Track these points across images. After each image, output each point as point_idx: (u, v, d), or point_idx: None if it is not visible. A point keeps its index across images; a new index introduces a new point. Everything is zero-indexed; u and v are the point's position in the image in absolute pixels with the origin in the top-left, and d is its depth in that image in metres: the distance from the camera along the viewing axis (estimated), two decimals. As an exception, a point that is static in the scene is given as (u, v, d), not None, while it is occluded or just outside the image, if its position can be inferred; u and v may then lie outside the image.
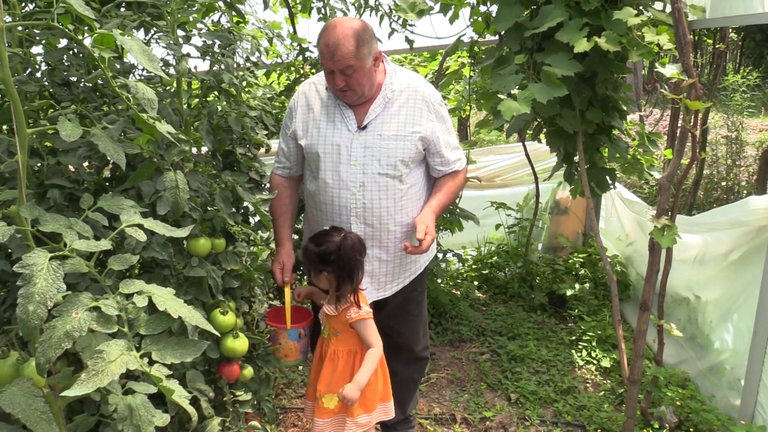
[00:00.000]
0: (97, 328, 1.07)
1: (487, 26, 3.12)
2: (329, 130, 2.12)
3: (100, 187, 1.75)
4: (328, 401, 2.09)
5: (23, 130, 1.12)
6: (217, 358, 1.91)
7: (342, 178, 2.09)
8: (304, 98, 2.19)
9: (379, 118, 2.10)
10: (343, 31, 1.95)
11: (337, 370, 2.11)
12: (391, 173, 2.09)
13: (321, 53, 1.99)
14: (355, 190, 2.09)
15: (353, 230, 2.13)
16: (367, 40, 1.99)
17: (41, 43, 1.71)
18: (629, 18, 2.24)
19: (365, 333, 2.07)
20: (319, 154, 2.11)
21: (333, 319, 2.10)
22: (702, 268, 2.93)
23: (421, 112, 2.12)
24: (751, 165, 6.23)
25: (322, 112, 2.15)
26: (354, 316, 2.04)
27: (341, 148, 2.09)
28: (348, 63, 1.95)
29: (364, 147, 2.08)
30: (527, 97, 2.32)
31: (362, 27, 1.99)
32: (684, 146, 2.29)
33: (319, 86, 2.19)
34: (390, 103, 2.12)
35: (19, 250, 1.28)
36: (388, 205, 2.12)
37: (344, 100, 2.10)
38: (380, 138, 2.08)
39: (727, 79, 9.24)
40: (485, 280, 4.20)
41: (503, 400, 2.99)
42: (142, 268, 1.85)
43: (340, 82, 2.00)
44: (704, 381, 2.80)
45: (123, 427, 1.06)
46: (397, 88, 2.13)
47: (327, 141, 2.11)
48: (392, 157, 2.08)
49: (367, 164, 2.08)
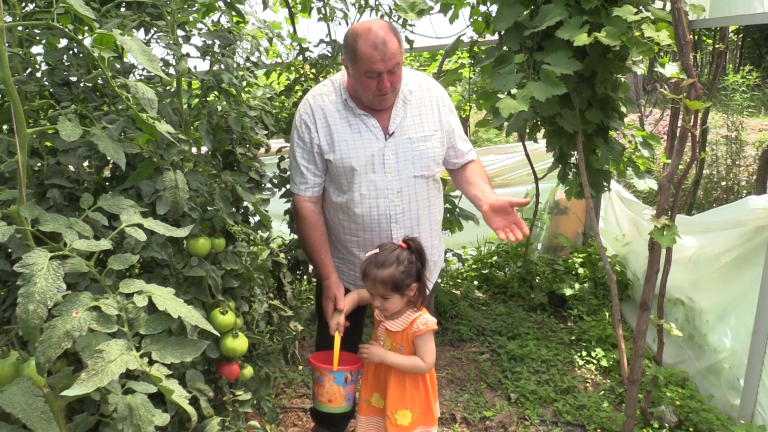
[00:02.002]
0: (97, 328, 1.07)
1: (487, 26, 3.12)
2: (358, 142, 2.06)
3: (100, 186, 1.75)
4: (401, 417, 2.01)
5: (23, 130, 1.12)
6: (216, 358, 1.91)
7: (378, 188, 2.07)
8: (321, 112, 2.09)
9: (404, 121, 2.09)
10: (382, 28, 1.93)
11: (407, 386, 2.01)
12: (426, 174, 2.10)
13: (368, 58, 1.91)
14: (393, 197, 2.08)
15: (394, 236, 2.11)
16: (399, 32, 2.00)
17: (41, 43, 1.71)
18: (629, 15, 2.24)
19: (425, 346, 1.97)
20: (353, 167, 2.05)
21: (399, 334, 2.00)
22: (700, 267, 2.93)
23: (438, 108, 2.14)
24: (751, 165, 6.23)
25: (343, 124, 2.08)
26: (422, 328, 1.95)
27: (374, 158, 2.06)
28: (397, 60, 1.94)
29: (395, 153, 2.07)
30: (525, 96, 2.33)
31: (390, 23, 2.02)
32: (684, 146, 2.29)
33: (330, 97, 2.11)
34: (408, 104, 2.11)
35: (19, 249, 1.28)
36: (426, 205, 2.14)
37: (382, 104, 2.04)
38: (410, 141, 2.08)
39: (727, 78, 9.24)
40: (485, 280, 4.20)
41: (503, 400, 2.99)
42: (142, 267, 1.85)
43: (388, 83, 1.95)
44: (703, 381, 2.80)
45: (123, 426, 1.06)
46: (412, 88, 2.12)
47: (359, 153, 2.06)
48: (425, 158, 2.09)
49: (401, 169, 2.07)
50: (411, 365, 1.99)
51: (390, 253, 1.94)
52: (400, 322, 1.99)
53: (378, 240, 2.12)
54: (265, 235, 2.40)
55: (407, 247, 1.97)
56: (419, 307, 2.00)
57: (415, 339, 1.98)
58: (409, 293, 1.95)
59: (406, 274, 1.92)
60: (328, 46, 3.38)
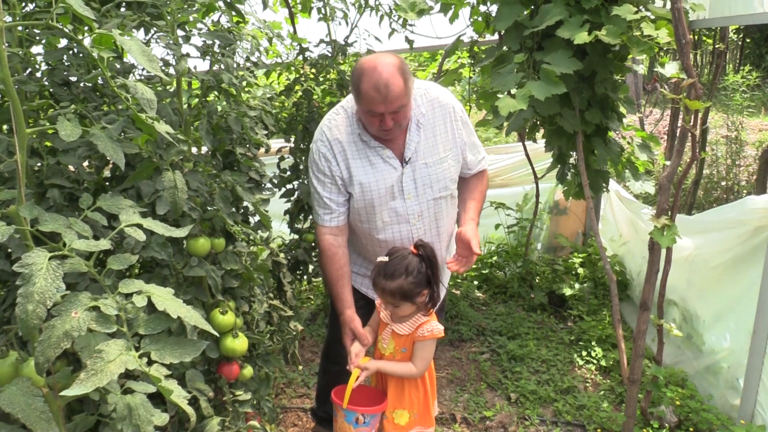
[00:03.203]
0: (96, 328, 1.07)
1: (487, 26, 3.12)
2: (376, 174, 2.05)
3: (100, 186, 1.75)
4: (398, 417, 2.03)
5: (22, 130, 1.12)
6: (216, 358, 1.91)
7: (399, 214, 2.08)
8: (339, 145, 2.06)
9: (419, 147, 2.06)
10: (387, 69, 1.86)
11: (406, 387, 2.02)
12: (444, 194, 2.11)
13: (369, 99, 1.87)
14: (414, 221, 2.10)
15: None
16: (408, 72, 1.92)
17: (41, 43, 1.71)
18: (628, 14, 2.24)
19: (421, 352, 1.96)
20: (374, 198, 2.06)
21: (404, 337, 1.99)
22: (698, 267, 2.93)
23: (452, 126, 2.10)
24: (751, 165, 6.23)
25: (360, 156, 2.05)
26: (426, 335, 1.95)
27: (394, 188, 2.06)
28: (401, 102, 1.89)
29: (413, 180, 2.06)
30: (524, 95, 2.33)
31: (400, 60, 1.92)
32: (684, 146, 2.29)
33: (345, 129, 2.07)
34: (421, 128, 2.07)
35: (18, 249, 1.28)
36: (445, 221, 2.15)
37: (385, 137, 2.02)
38: (426, 166, 2.06)
39: (727, 78, 9.24)
40: (485, 280, 4.20)
41: (503, 400, 2.99)
42: (142, 267, 1.85)
43: (390, 123, 1.92)
44: (702, 381, 2.80)
45: (122, 426, 1.06)
46: (424, 111, 2.08)
47: (378, 186, 2.05)
48: (442, 180, 2.09)
49: (420, 194, 2.07)
50: (403, 372, 1.99)
51: (400, 262, 1.91)
52: (407, 325, 1.98)
53: None
54: (265, 235, 2.40)
55: (417, 253, 1.94)
56: (429, 312, 1.99)
57: (416, 343, 1.97)
58: (419, 300, 1.94)
59: (416, 284, 1.90)
60: (328, 46, 3.38)
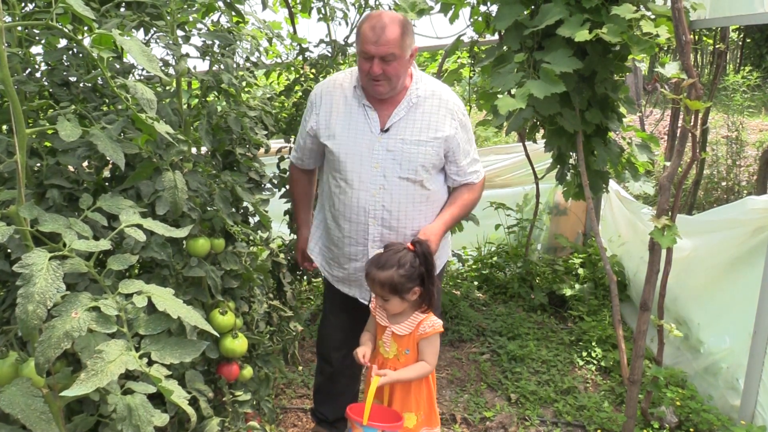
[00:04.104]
0: (97, 328, 1.07)
1: (487, 26, 3.12)
2: (352, 131, 2.10)
3: (100, 187, 1.75)
4: (407, 420, 1.99)
5: (22, 130, 1.12)
6: (216, 359, 1.91)
7: (362, 180, 2.09)
8: (329, 97, 2.16)
9: (402, 121, 2.09)
10: (389, 17, 1.98)
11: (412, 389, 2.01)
12: (412, 177, 2.09)
13: (363, 38, 1.97)
14: (374, 192, 2.09)
15: (371, 232, 2.11)
16: (410, 31, 2.02)
17: (41, 43, 1.71)
18: (627, 13, 2.24)
19: (429, 348, 1.96)
20: (341, 154, 2.10)
21: (405, 338, 1.98)
22: (698, 267, 2.93)
23: (444, 119, 2.11)
24: (751, 165, 6.23)
25: (345, 111, 2.13)
26: (429, 330, 1.95)
27: (363, 150, 2.08)
28: (391, 50, 1.95)
29: (386, 150, 2.08)
30: (524, 93, 2.32)
31: (405, 19, 2.03)
32: (684, 146, 2.29)
33: (345, 84, 2.16)
34: (414, 108, 2.11)
35: (18, 250, 1.28)
36: (407, 209, 2.11)
37: (374, 91, 2.06)
38: (402, 142, 2.08)
39: (728, 79, 9.23)
40: (485, 280, 4.20)
41: (503, 400, 2.99)
42: (142, 268, 1.85)
43: (378, 69, 1.97)
44: (701, 381, 2.80)
45: (122, 427, 1.06)
46: (422, 94, 2.12)
47: (350, 142, 2.10)
48: (414, 162, 2.08)
49: (387, 167, 2.07)
50: (419, 373, 1.98)
51: (393, 255, 1.92)
52: (406, 325, 1.98)
53: (354, 233, 2.13)
54: (265, 236, 2.40)
55: (413, 249, 1.95)
56: (425, 310, 1.98)
57: (421, 341, 1.97)
58: (410, 297, 1.94)
59: (407, 278, 1.90)
60: (328, 46, 3.38)
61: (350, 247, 2.17)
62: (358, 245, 2.16)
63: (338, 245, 2.21)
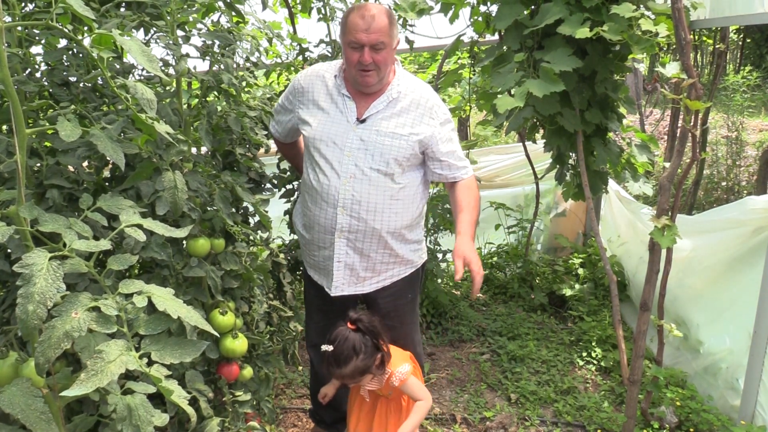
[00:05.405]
0: (97, 328, 1.07)
1: (487, 26, 3.11)
2: (329, 118, 2.13)
3: (100, 187, 1.75)
4: None
5: (22, 131, 1.12)
6: (216, 359, 1.91)
7: (334, 168, 2.10)
8: (311, 86, 2.19)
9: (380, 114, 2.11)
10: (376, 7, 2.01)
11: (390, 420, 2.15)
12: (383, 170, 2.09)
13: (353, 26, 1.99)
14: (345, 180, 2.09)
15: (339, 221, 2.11)
16: (395, 21, 2.06)
17: (40, 43, 1.71)
18: (627, 12, 2.24)
19: (412, 390, 2.08)
20: (316, 141, 2.13)
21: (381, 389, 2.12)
22: (699, 267, 2.93)
23: (422, 117, 2.12)
24: (751, 165, 6.23)
25: (325, 100, 2.16)
26: (397, 384, 2.04)
27: (337, 138, 2.10)
28: (381, 38, 1.98)
29: (360, 140, 2.09)
30: (523, 92, 2.32)
31: (391, 10, 2.07)
32: (684, 146, 2.29)
33: (327, 74, 2.19)
34: (393, 103, 2.12)
35: (18, 250, 1.28)
36: (377, 201, 2.11)
37: (363, 82, 2.07)
38: (377, 134, 2.09)
39: (728, 79, 9.24)
40: (485, 281, 4.19)
41: (503, 400, 2.99)
42: (142, 268, 1.85)
43: (368, 57, 1.99)
44: (701, 382, 2.80)
45: (122, 427, 1.06)
46: (403, 90, 2.14)
47: (325, 129, 2.12)
48: (386, 155, 2.08)
49: (360, 157, 2.08)
50: (423, 412, 2.09)
51: (344, 345, 1.95)
52: (375, 383, 2.07)
53: (323, 221, 2.14)
54: (265, 236, 2.40)
55: (356, 328, 1.98)
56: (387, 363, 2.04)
57: (402, 389, 2.06)
58: (375, 367, 2.01)
59: (367, 357, 1.97)
60: (328, 46, 3.37)
61: (319, 234, 2.18)
62: (326, 233, 2.16)
63: (309, 230, 2.23)
